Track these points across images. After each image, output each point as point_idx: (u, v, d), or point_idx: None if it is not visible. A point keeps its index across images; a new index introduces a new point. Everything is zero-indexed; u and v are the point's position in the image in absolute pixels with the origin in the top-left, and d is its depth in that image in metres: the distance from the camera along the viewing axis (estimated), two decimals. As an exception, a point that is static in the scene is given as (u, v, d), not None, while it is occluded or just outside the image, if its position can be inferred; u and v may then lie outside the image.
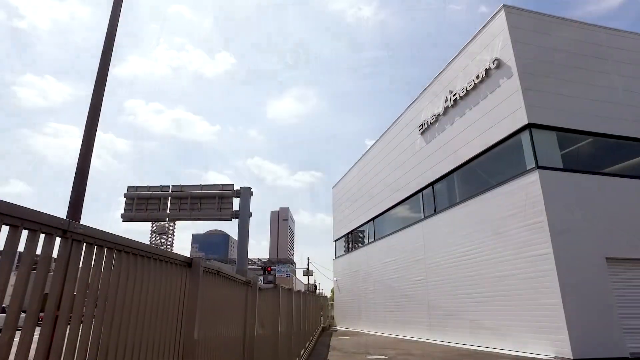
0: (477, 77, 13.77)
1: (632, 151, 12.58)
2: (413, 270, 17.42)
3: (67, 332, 1.45)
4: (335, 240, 30.86)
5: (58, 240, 1.44)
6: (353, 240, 27.32)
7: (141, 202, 18.97)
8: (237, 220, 18.29)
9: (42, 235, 1.36)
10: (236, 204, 18.68)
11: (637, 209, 11.26)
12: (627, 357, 9.56)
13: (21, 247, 1.30)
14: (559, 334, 9.63)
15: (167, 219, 20.09)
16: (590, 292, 9.99)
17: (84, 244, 1.56)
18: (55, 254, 1.45)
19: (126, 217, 18.95)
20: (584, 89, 12.44)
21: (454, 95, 15.20)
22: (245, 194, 18.50)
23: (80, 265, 1.54)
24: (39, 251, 1.37)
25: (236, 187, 18.95)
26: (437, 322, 15.13)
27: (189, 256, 2.63)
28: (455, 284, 14.13)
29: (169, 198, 19.09)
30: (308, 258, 45.30)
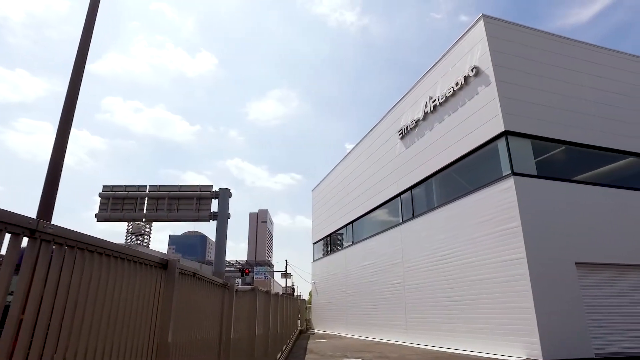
0: (457, 84, 14.04)
1: (600, 160, 13.11)
2: (391, 274, 17.57)
3: (33, 336, 1.38)
4: (314, 243, 30.83)
5: (26, 240, 1.38)
6: (332, 243, 27.37)
7: (117, 202, 18.50)
8: (215, 221, 18.06)
9: (8, 235, 1.30)
10: (214, 205, 18.45)
11: (605, 215, 11.71)
12: (592, 357, 9.90)
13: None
14: (531, 336, 9.88)
15: (143, 220, 19.64)
16: (561, 295, 10.30)
17: (54, 245, 1.50)
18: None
19: (101, 217, 18.44)
20: (557, 99, 12.87)
21: (433, 101, 15.45)
22: (224, 195, 18.28)
23: (49, 267, 1.48)
24: (3, 251, 1.31)
25: (215, 188, 18.72)
26: (414, 325, 15.30)
27: (164, 257, 2.57)
28: (432, 288, 14.32)
29: (146, 198, 18.68)
30: (286, 261, 45.08)
